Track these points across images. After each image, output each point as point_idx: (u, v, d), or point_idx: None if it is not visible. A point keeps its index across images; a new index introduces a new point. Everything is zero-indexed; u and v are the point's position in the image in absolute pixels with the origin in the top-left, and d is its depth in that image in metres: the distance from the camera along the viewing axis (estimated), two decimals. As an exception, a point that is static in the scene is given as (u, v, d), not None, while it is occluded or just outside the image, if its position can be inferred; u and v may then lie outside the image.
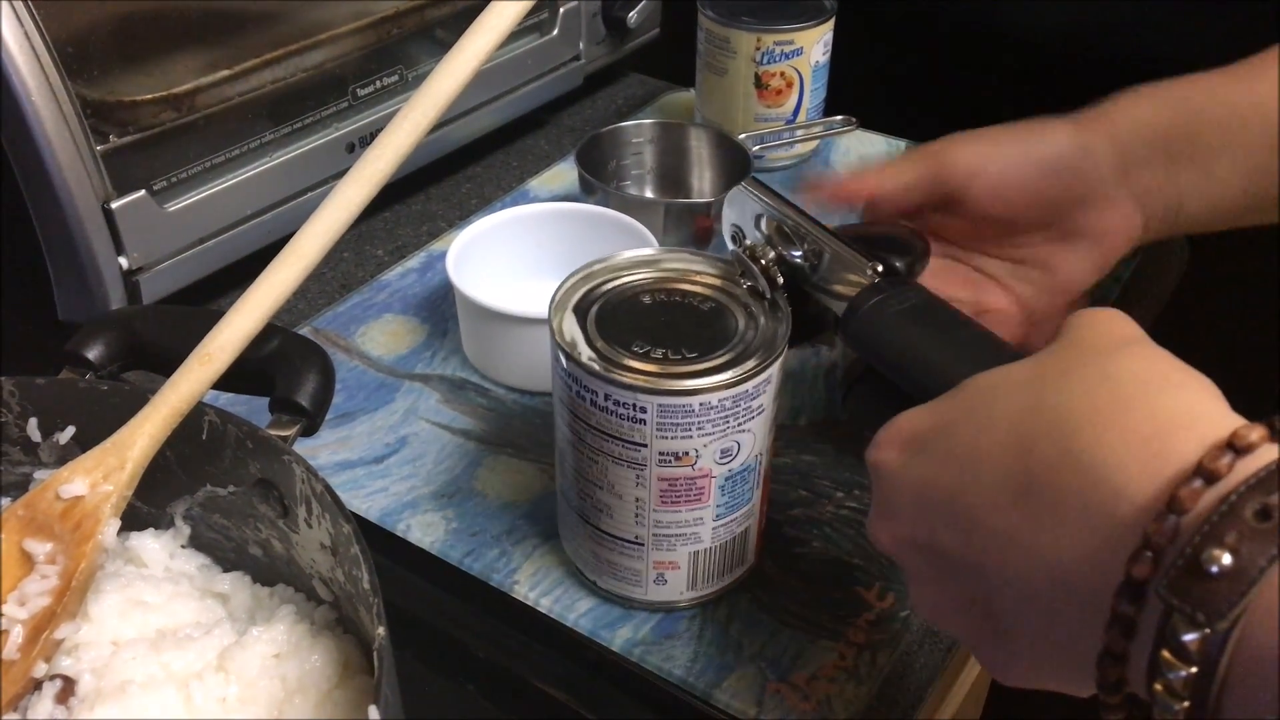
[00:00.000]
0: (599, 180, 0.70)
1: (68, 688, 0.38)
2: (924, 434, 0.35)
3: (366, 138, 0.69)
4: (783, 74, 0.77)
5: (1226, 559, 0.25)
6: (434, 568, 0.50)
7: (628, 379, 0.41)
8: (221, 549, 0.44)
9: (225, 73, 0.61)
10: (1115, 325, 0.33)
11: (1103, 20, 0.85)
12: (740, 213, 0.50)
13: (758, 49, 0.77)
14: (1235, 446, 0.27)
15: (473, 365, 0.61)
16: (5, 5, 0.52)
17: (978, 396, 0.34)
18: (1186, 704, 0.26)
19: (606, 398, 0.42)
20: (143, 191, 0.57)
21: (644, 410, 0.41)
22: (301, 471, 0.39)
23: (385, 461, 0.55)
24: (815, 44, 0.77)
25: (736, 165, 0.72)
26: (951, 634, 0.36)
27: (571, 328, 0.43)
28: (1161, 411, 0.29)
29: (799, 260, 0.46)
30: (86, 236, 0.55)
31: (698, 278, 0.46)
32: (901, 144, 0.83)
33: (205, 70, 0.61)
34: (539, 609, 0.48)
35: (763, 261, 0.45)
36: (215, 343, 0.41)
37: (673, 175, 0.76)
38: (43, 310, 0.60)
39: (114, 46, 0.60)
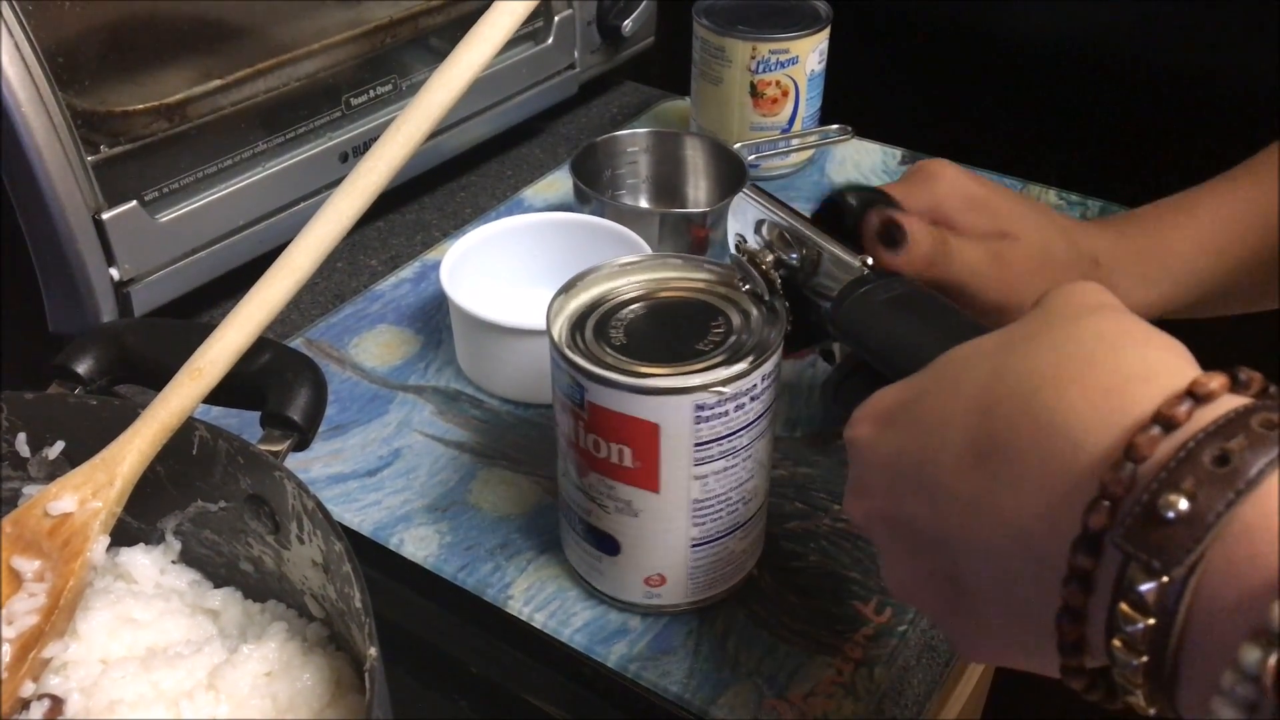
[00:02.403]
0: (594, 190, 0.69)
1: (56, 707, 0.38)
2: (895, 407, 0.35)
3: (360, 147, 0.68)
4: (778, 83, 0.77)
5: (1183, 504, 0.24)
6: (428, 582, 0.50)
7: (628, 382, 0.41)
8: (213, 565, 0.44)
9: (217, 82, 0.60)
10: (1087, 293, 0.33)
11: (1098, 27, 0.85)
12: (742, 220, 0.50)
13: (753, 58, 0.76)
14: (1195, 395, 0.26)
15: (467, 377, 0.61)
16: (8, 14, 0.52)
17: (948, 367, 0.34)
18: (1144, 659, 0.25)
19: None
20: (134, 202, 0.57)
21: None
22: (293, 488, 0.39)
23: (378, 474, 0.54)
24: (811, 53, 0.77)
25: (732, 175, 0.72)
26: (919, 609, 0.36)
27: (569, 334, 0.43)
28: (1124, 366, 0.28)
29: (796, 263, 0.46)
30: (77, 248, 0.55)
31: (693, 282, 0.46)
32: (897, 152, 0.83)
33: (197, 80, 0.61)
34: (533, 624, 0.48)
35: (762, 265, 0.46)
36: (206, 357, 0.40)
37: (668, 185, 0.76)
38: (33, 322, 0.59)
39: (105, 56, 0.60)
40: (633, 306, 0.45)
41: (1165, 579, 0.25)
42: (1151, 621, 0.25)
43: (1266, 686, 0.22)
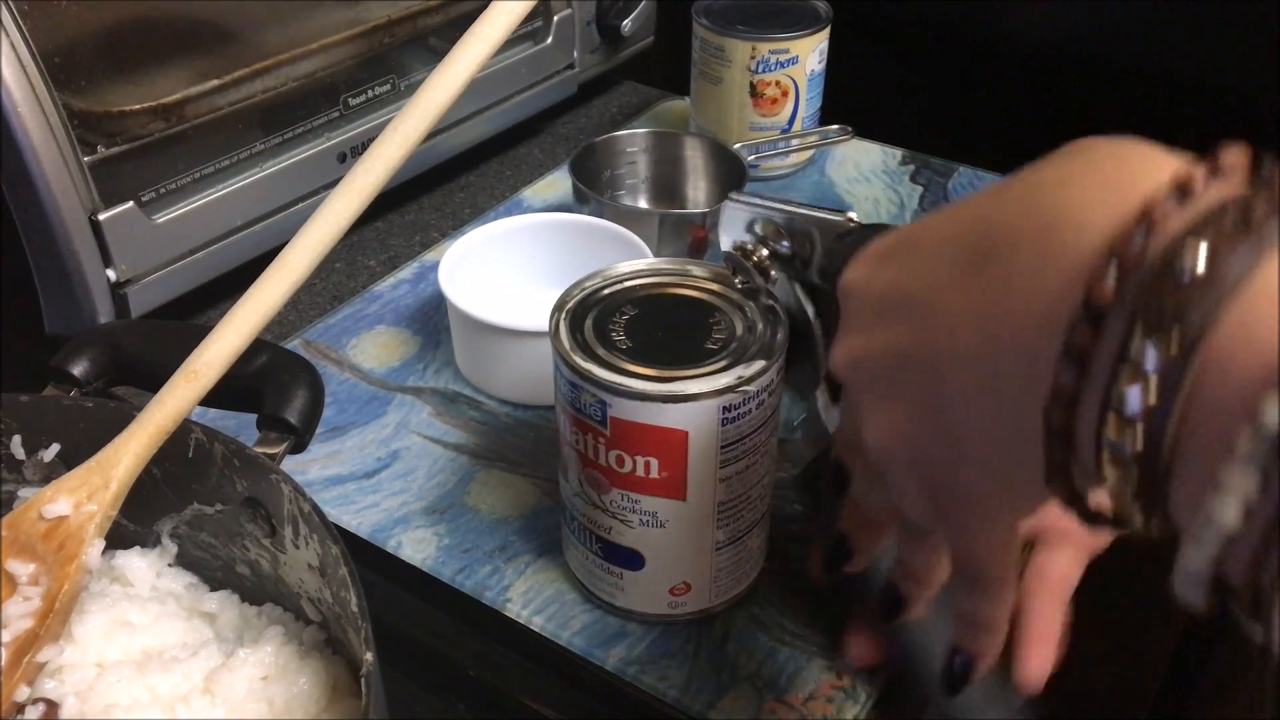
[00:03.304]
0: (593, 190, 0.69)
1: (51, 711, 0.37)
2: (893, 244, 0.33)
3: (358, 147, 0.68)
4: (778, 83, 0.77)
5: (1201, 266, 0.22)
6: (425, 585, 0.49)
7: (632, 386, 0.40)
8: (209, 568, 0.44)
9: (215, 82, 0.60)
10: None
11: (1099, 27, 0.85)
12: (733, 227, 0.50)
13: (753, 58, 0.76)
14: (1214, 169, 0.24)
15: (465, 378, 0.60)
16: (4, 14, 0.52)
17: (948, 205, 0.33)
18: (1140, 449, 0.23)
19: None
20: (131, 203, 0.57)
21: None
22: (289, 491, 0.39)
23: (376, 476, 0.54)
24: (811, 52, 0.77)
25: (732, 175, 0.72)
26: (896, 460, 0.32)
27: (581, 351, 0.42)
28: (1132, 159, 0.26)
29: (789, 250, 0.46)
30: (74, 249, 0.55)
31: (696, 284, 0.46)
32: (898, 152, 0.83)
33: (194, 80, 0.60)
34: (531, 627, 0.47)
35: (754, 258, 0.46)
36: (202, 359, 0.40)
37: (667, 185, 0.76)
38: (29, 324, 0.59)
39: (102, 56, 0.59)
40: (627, 313, 0.44)
41: (1177, 347, 0.22)
42: (1153, 401, 0.23)
43: None
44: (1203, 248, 0.22)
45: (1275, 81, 0.76)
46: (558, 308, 0.44)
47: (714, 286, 0.45)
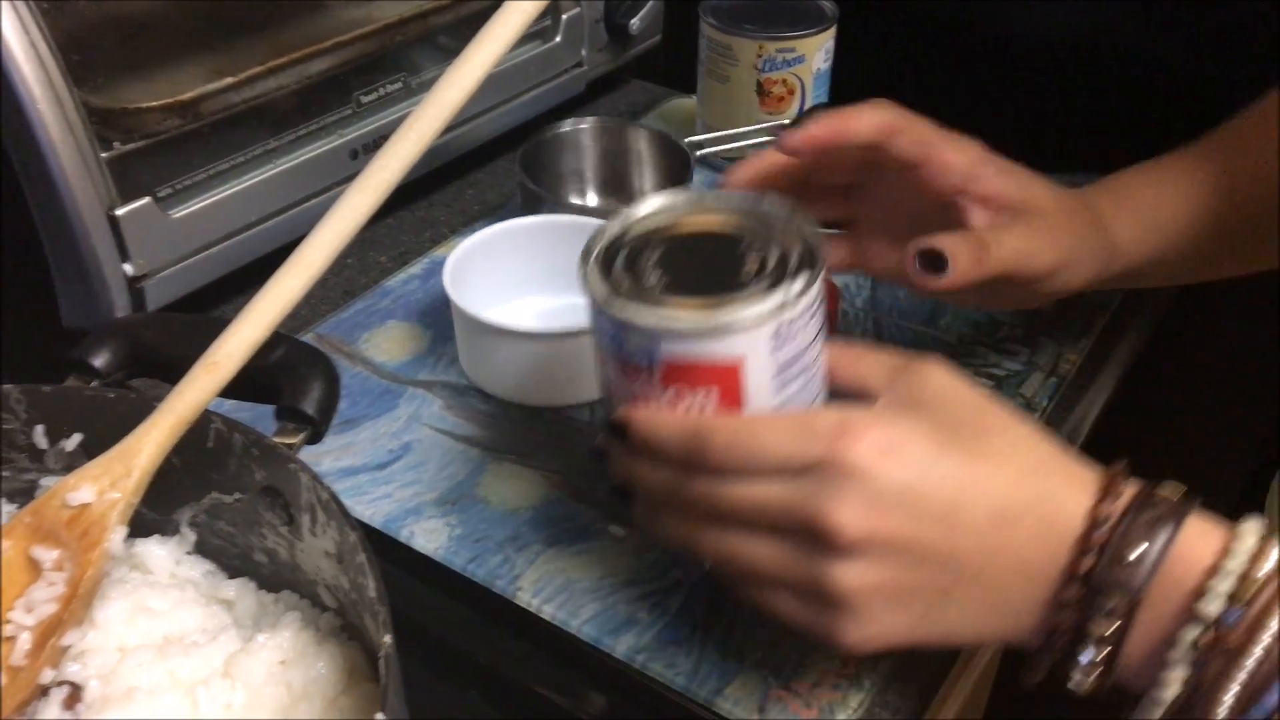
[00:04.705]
0: (541, 186, 0.70)
1: (74, 694, 0.38)
2: (903, 446, 0.38)
3: (370, 144, 0.69)
4: (784, 81, 0.78)
5: (1138, 551, 0.37)
6: (437, 574, 0.50)
7: (681, 324, 0.39)
8: (227, 556, 0.44)
9: (229, 80, 0.61)
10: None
11: (1107, 25, 0.85)
12: None
13: (760, 56, 0.77)
14: (1110, 492, 0.38)
15: (468, 377, 0.61)
16: (9, 12, 0.52)
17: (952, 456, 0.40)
18: (1109, 649, 0.37)
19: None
20: (148, 198, 0.58)
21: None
22: (307, 479, 0.39)
23: (389, 468, 0.55)
24: (817, 51, 0.78)
25: (676, 167, 0.73)
26: (876, 613, 0.39)
27: (606, 285, 0.41)
28: (1063, 498, 0.39)
29: None
30: (91, 243, 0.56)
31: (715, 213, 0.44)
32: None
33: (209, 77, 0.61)
34: (542, 615, 0.48)
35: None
36: (221, 350, 0.41)
37: (614, 178, 0.77)
38: (46, 317, 0.60)
39: (119, 54, 0.60)
40: (655, 252, 0.42)
41: (1128, 599, 0.36)
42: (1117, 624, 0.37)
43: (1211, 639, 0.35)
44: (1138, 538, 0.37)
45: (1278, 80, 0.76)
46: (584, 258, 0.42)
47: (734, 213, 0.44)
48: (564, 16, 0.81)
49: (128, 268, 0.57)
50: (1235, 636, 0.35)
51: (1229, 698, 0.35)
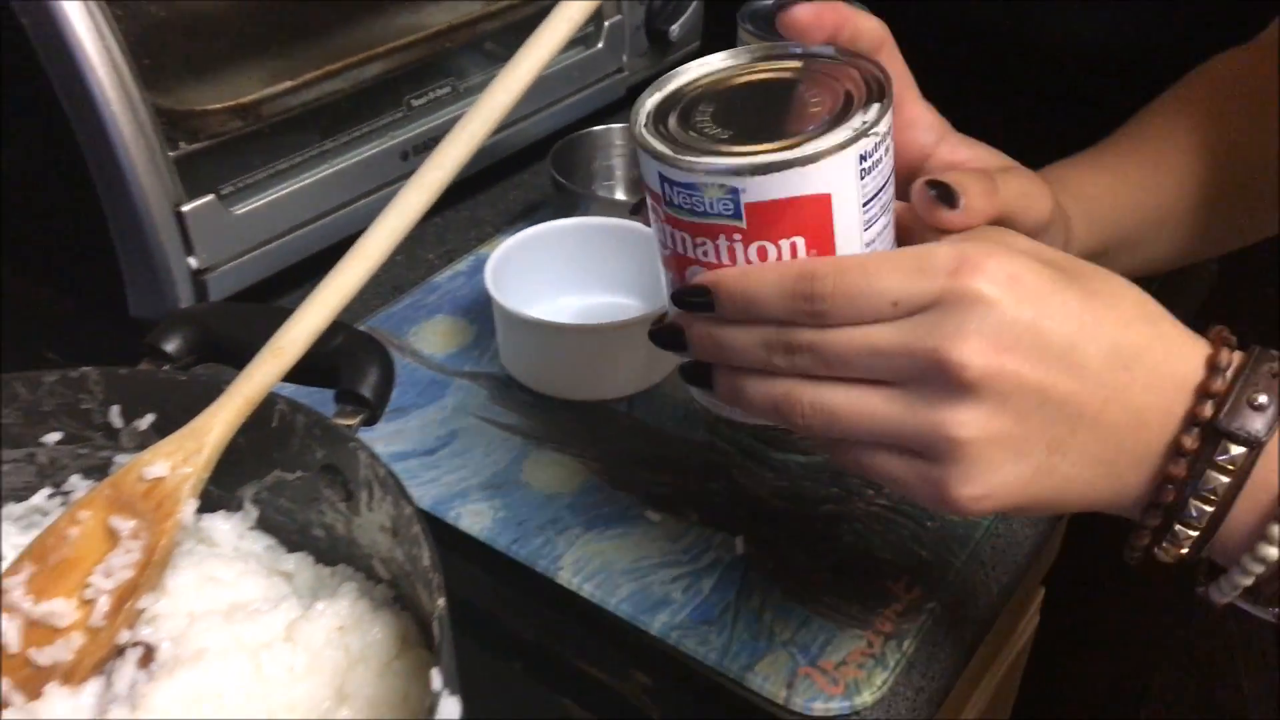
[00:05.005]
0: (573, 182, 0.73)
1: (148, 654, 0.41)
2: (1025, 277, 0.37)
3: (420, 146, 0.72)
4: (820, 87, 0.80)
5: (1263, 398, 0.36)
6: (483, 554, 0.53)
7: (765, 158, 0.37)
8: (287, 530, 0.47)
9: (288, 84, 0.64)
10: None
11: (1134, 34, 0.86)
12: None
13: (796, 62, 0.79)
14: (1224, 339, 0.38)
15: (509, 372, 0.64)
16: (84, 16, 0.56)
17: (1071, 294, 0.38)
18: (1213, 509, 0.37)
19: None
20: (212, 196, 0.61)
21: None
22: (365, 457, 0.42)
23: (436, 454, 0.58)
24: (852, 58, 0.80)
25: None
26: (994, 464, 0.37)
27: (667, 142, 0.39)
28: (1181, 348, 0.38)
29: None
30: (159, 238, 0.59)
31: (766, 68, 0.42)
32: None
33: (268, 80, 0.64)
34: (581, 593, 0.51)
35: None
36: (287, 337, 0.44)
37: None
38: (114, 307, 0.63)
39: (184, 57, 0.64)
40: (708, 109, 0.40)
41: (1239, 461, 0.36)
42: (1231, 479, 0.36)
43: None
44: (1262, 385, 0.37)
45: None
46: (633, 121, 0.40)
47: (783, 62, 0.42)
48: (606, 23, 0.83)
49: (192, 261, 0.60)
50: None
51: None
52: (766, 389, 0.39)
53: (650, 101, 0.41)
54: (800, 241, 0.38)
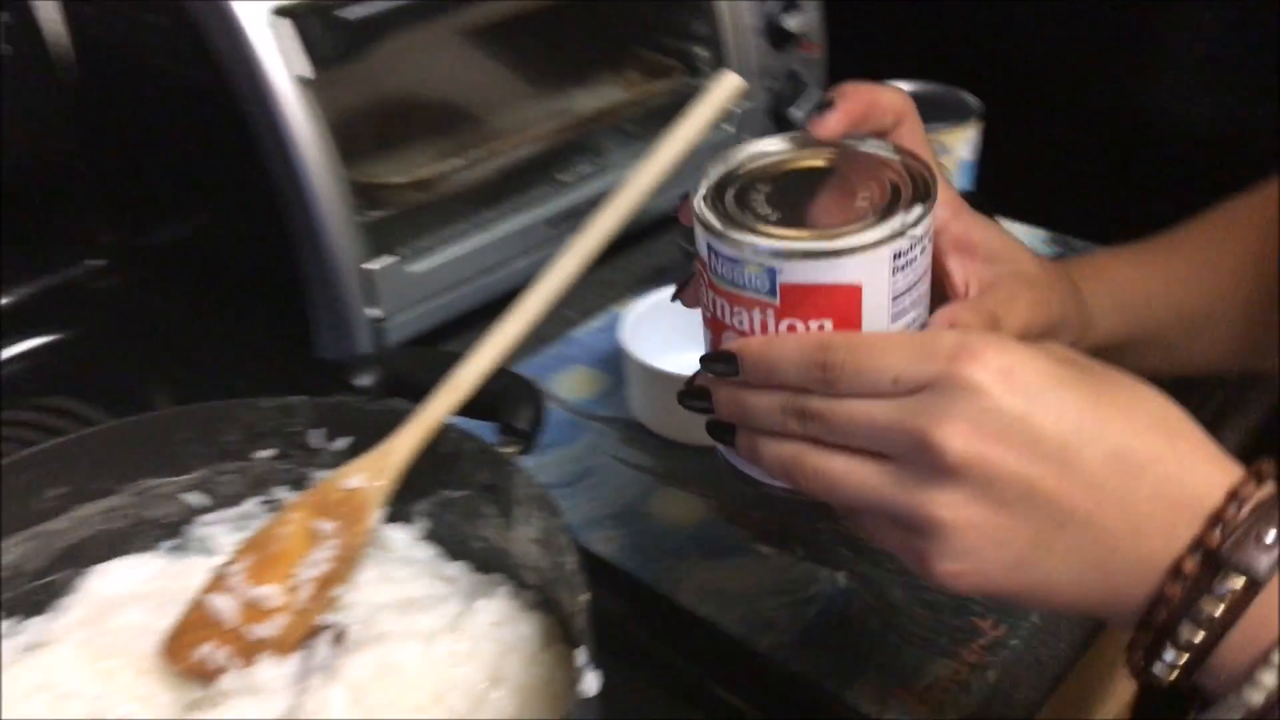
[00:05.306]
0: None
1: (341, 635, 0.49)
2: (1023, 372, 0.37)
3: (565, 216, 0.81)
4: (930, 168, 0.86)
5: (1272, 535, 0.35)
6: (612, 575, 0.60)
7: (802, 246, 0.39)
8: (449, 542, 0.55)
9: (459, 162, 0.74)
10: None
11: (1254, 114, 0.88)
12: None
13: (908, 145, 0.85)
14: (1257, 475, 0.37)
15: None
16: (300, 103, 0.66)
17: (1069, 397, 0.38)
18: (1203, 635, 0.36)
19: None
20: (393, 256, 0.71)
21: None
22: (521, 479, 0.50)
23: (573, 486, 0.66)
24: (960, 143, 0.86)
25: None
26: (972, 548, 0.37)
27: (720, 217, 0.41)
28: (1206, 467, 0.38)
29: None
30: (346, 291, 0.69)
31: (819, 155, 0.44)
32: (1043, 233, 0.90)
33: (438, 158, 0.75)
34: (697, 614, 0.57)
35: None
36: (460, 376, 0.52)
37: None
38: (301, 349, 0.74)
39: (371, 137, 0.74)
40: (762, 189, 0.43)
41: (1239, 592, 0.35)
42: (1228, 608, 0.35)
43: None
44: (1270, 532, 0.35)
45: None
46: (693, 191, 0.43)
47: (838, 152, 0.44)
48: (739, 111, 0.91)
49: (373, 311, 0.70)
50: None
51: None
52: (778, 450, 0.41)
53: (713, 174, 0.44)
54: (829, 324, 0.40)
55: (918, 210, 0.40)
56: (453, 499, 0.54)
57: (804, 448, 0.40)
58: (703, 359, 0.43)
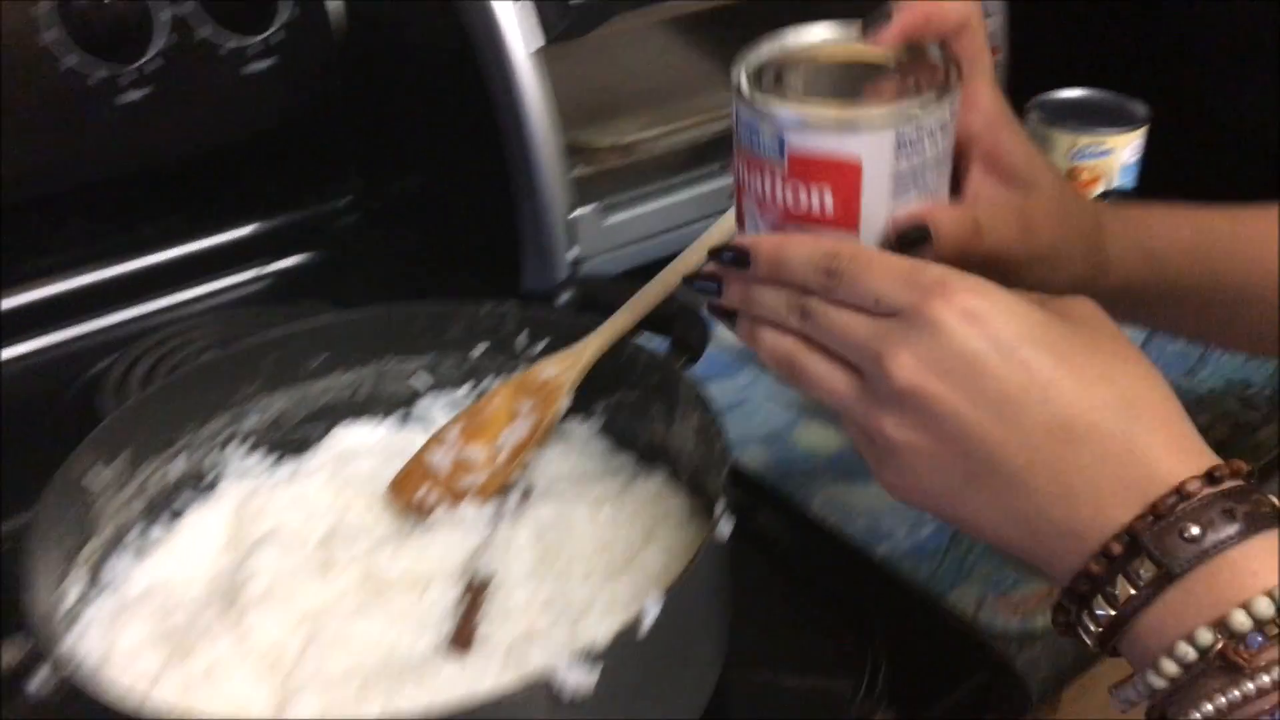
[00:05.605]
0: None
1: (528, 491, 0.61)
2: (990, 320, 0.38)
3: (744, 188, 0.91)
4: (1091, 169, 0.92)
5: (1195, 531, 0.35)
6: (756, 489, 0.70)
7: (808, 116, 0.41)
8: (621, 435, 0.66)
9: (656, 131, 0.85)
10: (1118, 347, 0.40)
11: None
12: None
13: (1072, 148, 0.92)
14: (1213, 476, 0.37)
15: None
16: (536, 76, 0.78)
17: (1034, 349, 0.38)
18: (1113, 614, 0.37)
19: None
20: (594, 206, 0.82)
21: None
22: (686, 383, 0.60)
23: (729, 412, 0.75)
24: (1125, 148, 0.91)
25: None
26: (913, 467, 0.40)
27: (751, 85, 0.44)
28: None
29: None
30: (556, 234, 0.81)
31: (870, 50, 0.46)
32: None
33: (641, 127, 0.86)
34: (826, 523, 0.66)
35: None
36: (640, 298, 0.63)
37: None
38: (510, 283, 0.86)
39: (585, 106, 0.86)
40: (803, 68, 0.45)
41: (1159, 575, 0.36)
42: (1138, 594, 0.36)
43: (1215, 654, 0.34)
44: (1203, 520, 0.35)
45: None
46: (737, 65, 0.45)
47: (889, 51, 0.45)
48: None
49: (574, 252, 0.82)
50: (1246, 659, 0.34)
51: (1208, 712, 0.34)
52: (775, 342, 0.43)
53: (761, 52, 0.46)
54: (829, 193, 0.42)
55: (930, 100, 0.42)
56: (627, 399, 0.65)
57: (798, 345, 0.43)
58: (713, 250, 0.46)
